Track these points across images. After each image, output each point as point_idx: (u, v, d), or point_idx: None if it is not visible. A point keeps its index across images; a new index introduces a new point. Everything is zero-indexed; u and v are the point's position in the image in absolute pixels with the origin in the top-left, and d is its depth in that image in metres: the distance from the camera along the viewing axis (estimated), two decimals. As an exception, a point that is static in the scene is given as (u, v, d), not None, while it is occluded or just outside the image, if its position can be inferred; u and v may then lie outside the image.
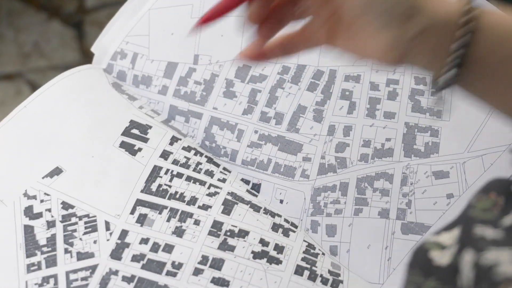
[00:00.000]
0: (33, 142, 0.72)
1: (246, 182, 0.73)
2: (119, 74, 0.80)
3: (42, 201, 0.68)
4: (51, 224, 0.67)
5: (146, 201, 0.69)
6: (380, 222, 0.69)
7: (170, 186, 0.70)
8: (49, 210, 0.67)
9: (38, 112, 0.74)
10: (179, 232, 0.67)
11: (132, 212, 0.68)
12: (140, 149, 0.72)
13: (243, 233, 0.67)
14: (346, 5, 0.55)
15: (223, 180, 0.71)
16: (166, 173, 0.70)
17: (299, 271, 0.65)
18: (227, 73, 0.78)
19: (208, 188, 0.70)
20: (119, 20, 0.83)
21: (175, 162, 0.71)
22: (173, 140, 0.73)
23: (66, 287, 0.63)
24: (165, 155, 0.72)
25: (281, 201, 0.71)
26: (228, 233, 0.67)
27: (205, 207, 0.68)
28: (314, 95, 0.76)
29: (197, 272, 0.64)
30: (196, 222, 0.67)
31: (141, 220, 0.67)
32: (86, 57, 1.68)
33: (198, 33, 0.80)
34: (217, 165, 0.73)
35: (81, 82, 0.77)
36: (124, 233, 0.66)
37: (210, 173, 0.71)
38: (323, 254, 0.67)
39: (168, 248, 0.66)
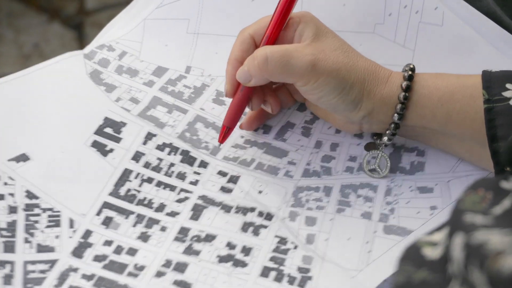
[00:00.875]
0: (2, 123, 0.71)
1: (224, 174, 0.71)
2: (101, 61, 0.78)
3: (5, 183, 0.67)
4: (13, 210, 0.66)
5: (113, 205, 0.68)
6: (363, 221, 0.68)
7: (139, 192, 0.69)
8: (12, 194, 0.67)
9: (12, 95, 0.74)
10: (144, 237, 0.66)
11: (98, 214, 0.67)
12: (111, 150, 0.71)
13: (210, 238, 0.66)
14: (304, 95, 0.69)
15: (195, 183, 0.70)
16: (136, 177, 0.70)
17: (265, 272, 0.64)
18: (218, 86, 0.78)
19: (178, 193, 0.69)
20: (118, 23, 0.83)
21: (147, 165, 0.71)
22: (148, 137, 0.73)
23: (23, 276, 0.63)
24: (137, 157, 0.71)
25: (260, 192, 0.70)
26: (195, 239, 0.66)
27: (173, 214, 0.68)
28: (304, 115, 0.76)
29: (159, 274, 0.64)
30: (163, 229, 0.67)
31: (107, 222, 0.67)
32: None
33: (193, 48, 0.80)
34: (193, 161, 0.72)
35: (58, 72, 0.76)
36: (88, 233, 0.66)
37: (182, 176, 0.70)
38: (295, 247, 0.66)
39: (132, 252, 0.65)
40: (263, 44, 0.69)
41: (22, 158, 0.69)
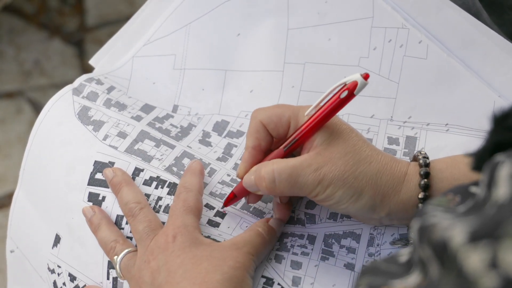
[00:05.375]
0: (35, 207, 0.73)
1: (211, 208, 0.71)
2: (90, 94, 0.77)
3: (59, 274, 0.69)
4: None
5: None
6: (346, 271, 0.68)
7: (131, 238, 0.69)
8: (64, 284, 0.68)
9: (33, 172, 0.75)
10: None
11: (108, 277, 0.68)
12: (104, 198, 0.71)
13: None
14: (317, 203, 0.67)
15: None
16: (127, 222, 0.70)
17: None
18: (205, 126, 0.78)
19: None
20: (122, 38, 0.83)
21: None
22: (135, 173, 0.71)
23: None
24: None
25: None
26: None
27: None
28: None
29: None
30: None
31: (115, 285, 0.68)
32: (85, 76, 1.69)
33: (179, 85, 0.80)
34: None
35: (53, 121, 0.76)
36: None
37: (169, 209, 0.70)
38: None
39: None
40: (288, 144, 0.67)
41: (57, 240, 0.70)
